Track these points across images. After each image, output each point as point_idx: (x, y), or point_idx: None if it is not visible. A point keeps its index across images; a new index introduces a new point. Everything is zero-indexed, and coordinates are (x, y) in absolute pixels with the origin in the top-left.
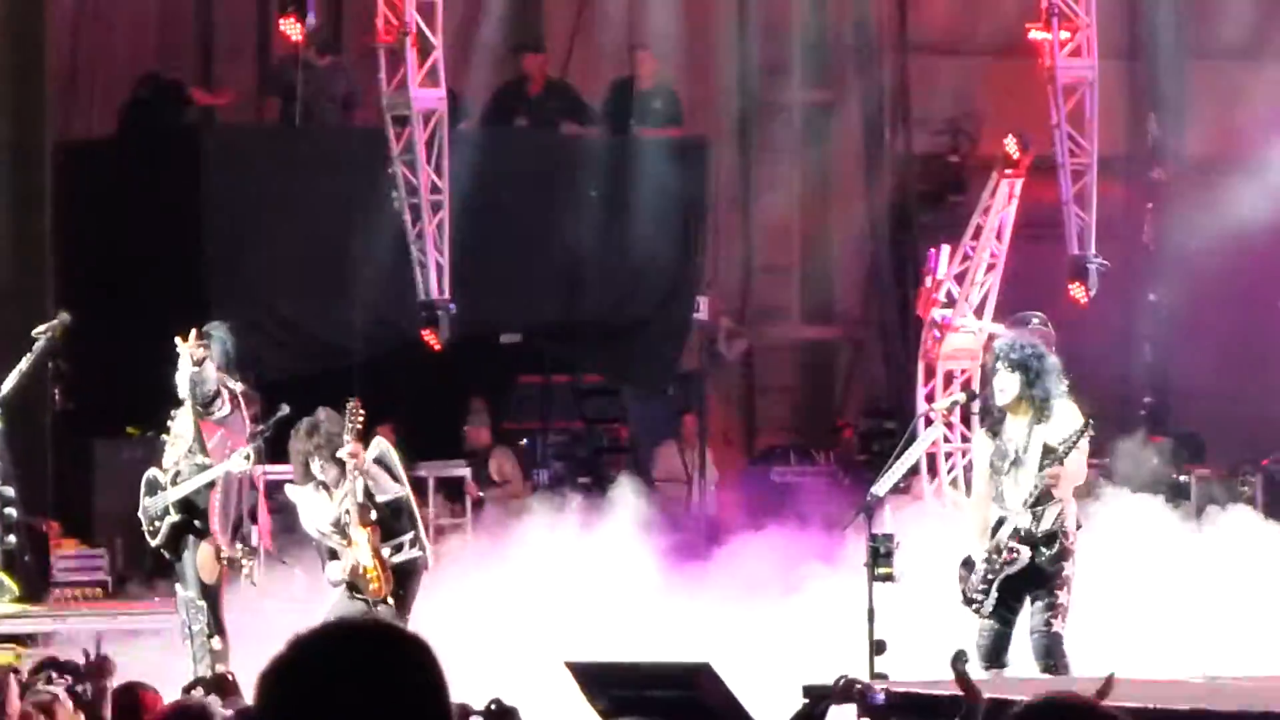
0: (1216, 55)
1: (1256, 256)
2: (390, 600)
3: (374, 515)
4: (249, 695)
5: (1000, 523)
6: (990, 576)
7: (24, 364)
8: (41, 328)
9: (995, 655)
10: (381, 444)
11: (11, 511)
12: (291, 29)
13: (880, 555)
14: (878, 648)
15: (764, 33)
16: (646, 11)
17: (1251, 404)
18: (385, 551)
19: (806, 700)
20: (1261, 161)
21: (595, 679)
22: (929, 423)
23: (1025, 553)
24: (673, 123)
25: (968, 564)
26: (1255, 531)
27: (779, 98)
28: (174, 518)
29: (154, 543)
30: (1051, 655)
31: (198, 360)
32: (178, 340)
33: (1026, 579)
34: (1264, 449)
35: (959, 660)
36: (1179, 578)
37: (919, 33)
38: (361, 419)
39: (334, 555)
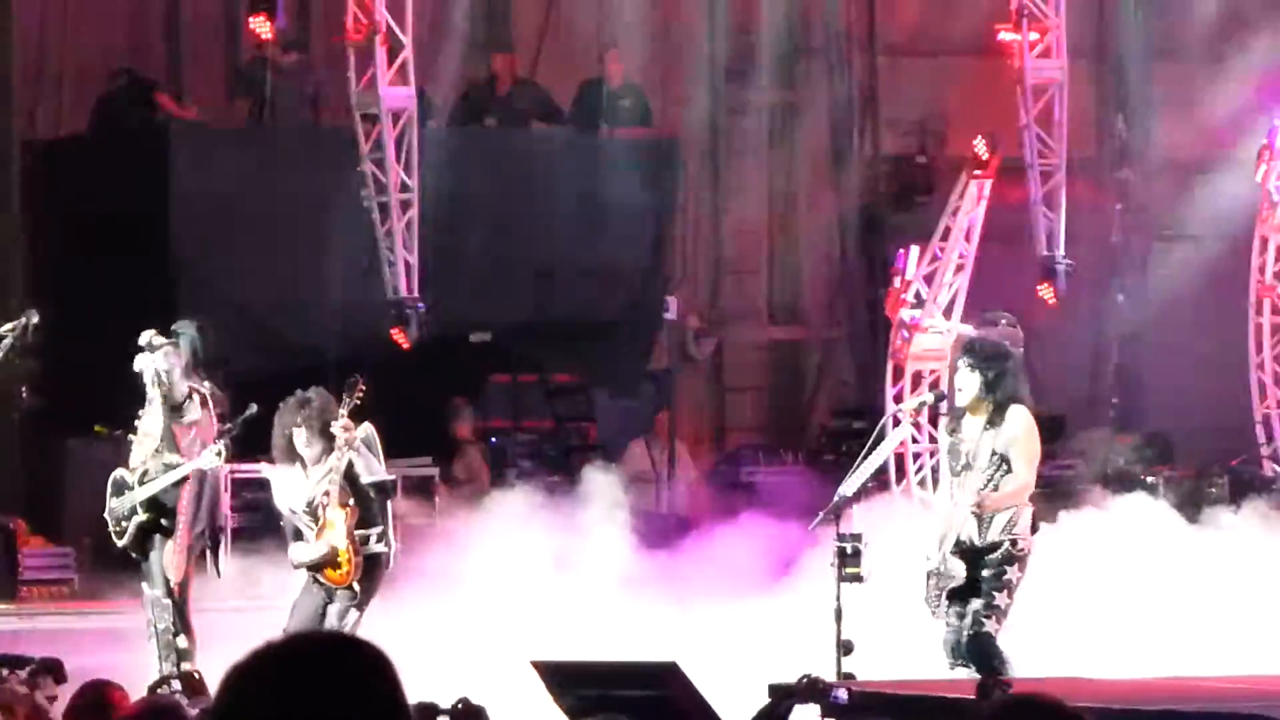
0: (1184, 57)
1: (1224, 256)
2: (355, 587)
3: (352, 500)
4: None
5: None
6: (940, 585)
7: None
8: (8, 325)
9: (958, 652)
10: (369, 429)
11: None
12: (261, 27)
13: (848, 555)
14: (845, 648)
15: (732, 33)
16: (615, 12)
17: (1220, 404)
18: (357, 537)
19: (771, 699)
20: (1229, 162)
21: (562, 678)
22: (897, 423)
23: (960, 569)
24: (641, 123)
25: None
26: (1246, 535)
27: (747, 98)
28: (141, 517)
29: (120, 543)
30: (986, 656)
31: (166, 368)
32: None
33: (972, 582)
34: (1232, 449)
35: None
36: (1175, 578)
37: (887, 33)
38: (361, 395)
39: (299, 536)
